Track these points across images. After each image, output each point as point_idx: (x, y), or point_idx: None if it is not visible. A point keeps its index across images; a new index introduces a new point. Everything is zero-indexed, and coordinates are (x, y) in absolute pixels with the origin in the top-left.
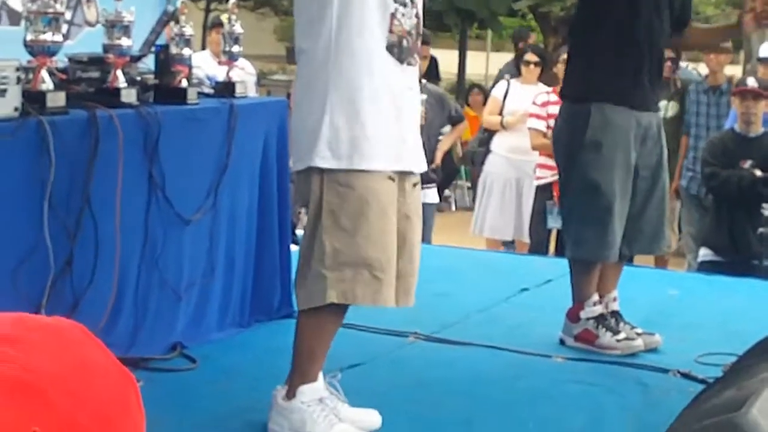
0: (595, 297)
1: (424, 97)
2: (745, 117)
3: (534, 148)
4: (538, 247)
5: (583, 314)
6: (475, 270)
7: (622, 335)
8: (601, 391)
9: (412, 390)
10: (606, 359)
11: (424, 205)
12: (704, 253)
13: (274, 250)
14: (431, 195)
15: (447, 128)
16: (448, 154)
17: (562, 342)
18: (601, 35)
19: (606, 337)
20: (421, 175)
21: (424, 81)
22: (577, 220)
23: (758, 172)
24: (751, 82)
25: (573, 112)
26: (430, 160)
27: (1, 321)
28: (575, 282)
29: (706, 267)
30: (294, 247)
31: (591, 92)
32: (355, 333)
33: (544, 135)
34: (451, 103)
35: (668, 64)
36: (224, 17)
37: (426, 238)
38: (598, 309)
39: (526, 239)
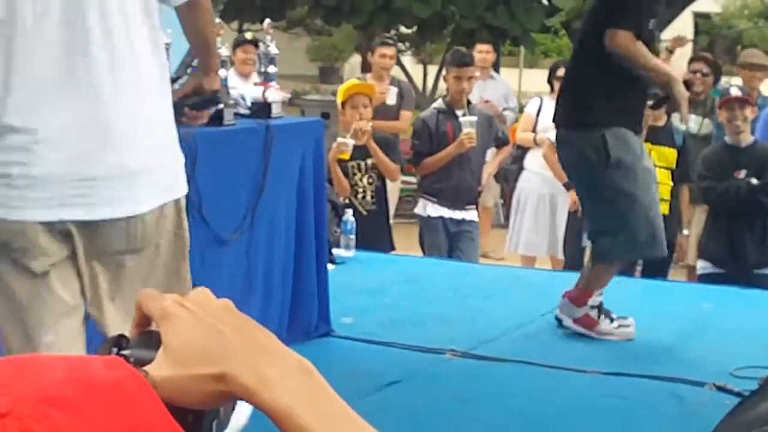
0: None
1: (475, 118)
2: (734, 127)
3: (544, 157)
4: (572, 264)
5: (590, 301)
6: (511, 287)
7: (616, 323)
8: (636, 405)
9: (450, 406)
10: (641, 373)
11: (473, 224)
12: (703, 266)
13: (311, 270)
14: (475, 214)
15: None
16: None
17: (558, 321)
18: (613, 62)
19: (605, 324)
20: (468, 195)
21: (473, 102)
22: (624, 228)
23: (754, 181)
24: (734, 91)
25: (584, 138)
26: (477, 181)
27: (56, 377)
28: (596, 273)
29: (705, 280)
30: (331, 266)
31: (604, 119)
32: (393, 350)
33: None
34: (498, 125)
35: (698, 76)
36: (249, 35)
37: (474, 256)
38: (599, 299)
39: (561, 256)
